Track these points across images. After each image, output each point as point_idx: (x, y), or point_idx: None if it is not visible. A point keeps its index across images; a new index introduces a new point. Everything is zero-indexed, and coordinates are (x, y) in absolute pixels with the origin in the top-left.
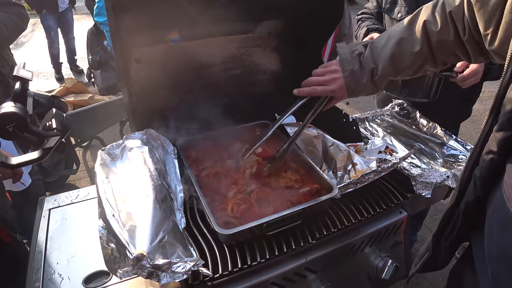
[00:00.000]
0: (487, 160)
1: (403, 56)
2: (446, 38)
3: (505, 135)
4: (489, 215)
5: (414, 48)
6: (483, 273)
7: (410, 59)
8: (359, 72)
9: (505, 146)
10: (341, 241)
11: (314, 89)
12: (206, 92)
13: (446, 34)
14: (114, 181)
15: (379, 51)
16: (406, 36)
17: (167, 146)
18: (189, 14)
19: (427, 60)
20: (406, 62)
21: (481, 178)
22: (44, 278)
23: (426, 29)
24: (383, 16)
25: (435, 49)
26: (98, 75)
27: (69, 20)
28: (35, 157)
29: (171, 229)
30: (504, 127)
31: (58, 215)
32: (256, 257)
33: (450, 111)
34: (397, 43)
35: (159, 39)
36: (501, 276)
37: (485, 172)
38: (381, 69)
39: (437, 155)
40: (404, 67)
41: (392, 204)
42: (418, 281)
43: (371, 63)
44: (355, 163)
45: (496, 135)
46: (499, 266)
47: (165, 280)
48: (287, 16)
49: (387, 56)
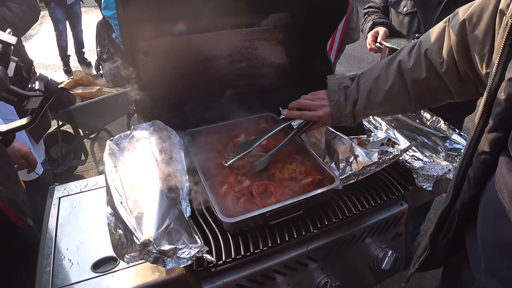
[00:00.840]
0: (480, 161)
1: (377, 92)
2: (418, 76)
3: (497, 135)
4: (482, 205)
5: (385, 85)
6: (476, 263)
7: (382, 94)
8: (343, 103)
9: (497, 146)
10: (342, 231)
11: (303, 114)
12: (212, 84)
13: (418, 72)
14: (122, 170)
15: (361, 86)
16: (383, 73)
17: (174, 137)
18: (196, 7)
19: (400, 99)
20: (379, 98)
21: (475, 178)
22: (54, 263)
23: (401, 68)
24: (389, 10)
25: (409, 87)
26: (106, 67)
27: (77, 12)
28: (24, 123)
29: (177, 217)
30: (496, 128)
31: (68, 203)
32: (259, 245)
33: (455, 106)
34: (375, 79)
35: (167, 32)
36: (494, 263)
37: (478, 172)
38: (359, 102)
39: (440, 148)
40: (378, 102)
41: (393, 196)
42: (421, 275)
43: (354, 95)
44: (357, 155)
45: (488, 136)
46: (492, 254)
47: (171, 265)
48: (293, 9)
49: (366, 91)
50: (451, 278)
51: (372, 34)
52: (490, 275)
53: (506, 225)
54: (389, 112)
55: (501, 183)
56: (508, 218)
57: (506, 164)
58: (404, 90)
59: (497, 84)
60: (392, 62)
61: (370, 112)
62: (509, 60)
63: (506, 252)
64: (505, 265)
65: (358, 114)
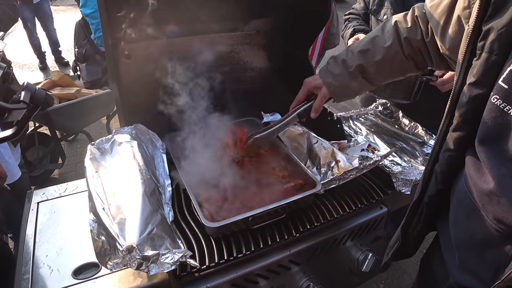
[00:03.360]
0: (446, 157)
1: (375, 51)
2: (414, 37)
3: (461, 134)
4: (453, 205)
5: (385, 43)
6: (450, 259)
7: (382, 52)
8: (332, 66)
9: (461, 144)
10: (323, 235)
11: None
12: (195, 88)
13: (414, 33)
14: (104, 175)
15: (352, 49)
16: (379, 34)
17: (156, 141)
18: (179, 12)
19: (397, 54)
20: (378, 56)
21: (441, 173)
22: (33, 270)
23: (397, 28)
24: (370, 17)
25: (404, 45)
26: (84, 68)
27: (46, 11)
28: (8, 134)
29: (160, 222)
30: (459, 127)
31: (47, 208)
32: (242, 249)
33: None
34: (371, 40)
35: (149, 35)
36: (468, 259)
37: (444, 168)
38: (351, 59)
39: (418, 153)
40: (378, 60)
41: (373, 200)
42: (399, 275)
43: (343, 56)
44: (338, 160)
45: (452, 135)
46: (465, 251)
47: (154, 271)
48: (275, 15)
49: (357, 50)
50: (427, 276)
51: (353, 41)
52: (464, 271)
53: (477, 223)
54: (388, 72)
55: (470, 184)
56: (478, 217)
57: (473, 165)
58: (400, 48)
59: (460, 85)
60: (387, 24)
61: (368, 71)
62: (470, 65)
63: (478, 248)
64: (478, 261)
65: (354, 77)
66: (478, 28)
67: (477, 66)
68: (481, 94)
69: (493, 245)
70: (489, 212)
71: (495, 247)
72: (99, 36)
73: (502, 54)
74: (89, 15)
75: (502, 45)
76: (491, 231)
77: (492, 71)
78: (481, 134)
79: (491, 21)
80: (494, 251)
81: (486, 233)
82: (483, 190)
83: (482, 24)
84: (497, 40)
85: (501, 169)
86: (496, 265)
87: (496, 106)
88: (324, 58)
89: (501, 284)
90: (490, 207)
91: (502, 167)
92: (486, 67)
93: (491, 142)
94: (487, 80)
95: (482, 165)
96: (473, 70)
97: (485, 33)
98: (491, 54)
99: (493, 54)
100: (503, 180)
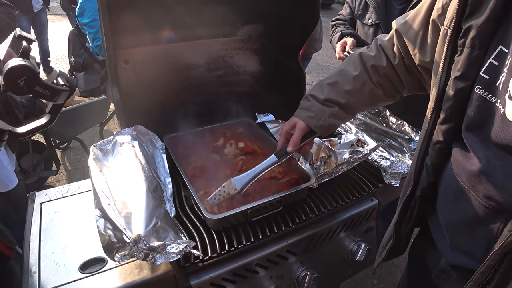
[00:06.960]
0: (436, 149)
1: (344, 82)
2: (380, 63)
3: (449, 126)
4: (441, 190)
5: (353, 73)
6: (441, 241)
7: (351, 83)
8: (304, 103)
9: (450, 135)
10: (318, 226)
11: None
12: (191, 91)
13: (379, 60)
14: (108, 174)
15: (321, 84)
16: (346, 67)
17: (156, 141)
18: (175, 18)
19: (366, 83)
20: (348, 86)
21: (432, 165)
22: (40, 266)
23: (362, 58)
24: (356, 22)
25: (371, 73)
26: (81, 77)
27: (43, 21)
28: (43, 123)
29: (163, 216)
30: (447, 119)
31: (50, 209)
32: (242, 241)
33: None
34: (339, 72)
35: (147, 41)
36: (459, 239)
37: (435, 160)
38: (321, 93)
39: (405, 149)
40: (348, 90)
41: (364, 193)
42: (392, 271)
43: (312, 92)
44: (329, 155)
45: (441, 127)
46: (456, 231)
47: (160, 261)
48: (267, 20)
49: (325, 83)
50: (417, 264)
51: (341, 44)
52: (456, 250)
53: (466, 203)
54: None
55: (459, 168)
56: (467, 197)
57: (460, 152)
58: (368, 77)
59: (444, 81)
60: (351, 57)
61: (340, 101)
62: (452, 61)
63: (468, 228)
64: (469, 240)
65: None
66: (458, 27)
67: (460, 61)
68: (466, 86)
69: (484, 222)
70: (479, 191)
71: (486, 224)
72: (97, 45)
73: (483, 48)
74: (87, 24)
75: (483, 40)
76: (481, 209)
77: (475, 64)
78: (467, 122)
79: (469, 20)
80: (485, 227)
81: (476, 211)
82: (472, 172)
83: (461, 23)
84: (478, 36)
85: (487, 152)
86: (487, 241)
87: (479, 96)
88: (310, 63)
89: (497, 252)
90: (480, 186)
91: (488, 150)
92: (469, 61)
93: (476, 129)
94: (471, 72)
95: (469, 150)
96: (456, 65)
97: (465, 31)
98: (473, 49)
99: (475, 49)
100: (490, 161)
